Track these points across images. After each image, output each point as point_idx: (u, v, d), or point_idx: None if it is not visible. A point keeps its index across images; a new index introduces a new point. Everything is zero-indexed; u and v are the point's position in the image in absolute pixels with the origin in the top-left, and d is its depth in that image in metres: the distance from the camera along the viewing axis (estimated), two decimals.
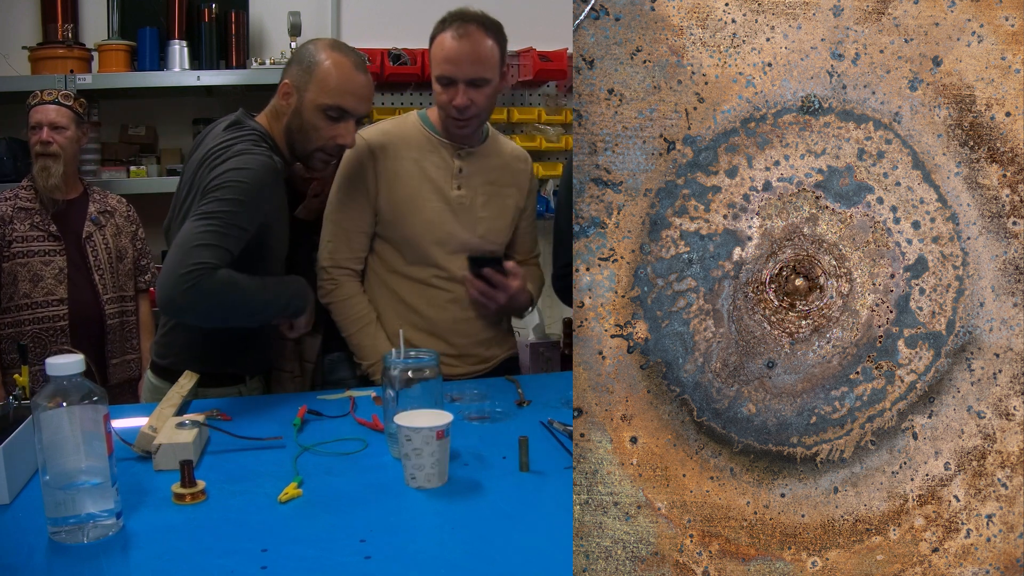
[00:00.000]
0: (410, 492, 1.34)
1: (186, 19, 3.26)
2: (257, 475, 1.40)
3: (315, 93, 1.80)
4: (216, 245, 1.60)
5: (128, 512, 1.23)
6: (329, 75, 1.79)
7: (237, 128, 1.81)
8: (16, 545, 1.16)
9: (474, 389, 1.90)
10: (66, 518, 1.16)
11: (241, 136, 1.77)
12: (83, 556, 1.13)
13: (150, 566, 1.11)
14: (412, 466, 1.34)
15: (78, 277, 2.60)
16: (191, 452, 1.41)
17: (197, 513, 1.26)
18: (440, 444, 1.33)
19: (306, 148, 1.85)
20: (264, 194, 1.72)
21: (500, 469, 1.43)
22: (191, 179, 1.79)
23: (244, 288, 1.66)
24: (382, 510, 1.28)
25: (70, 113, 2.60)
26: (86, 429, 1.16)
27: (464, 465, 1.45)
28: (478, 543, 1.18)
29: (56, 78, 3.05)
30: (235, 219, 1.64)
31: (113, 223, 2.72)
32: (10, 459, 1.28)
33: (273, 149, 1.82)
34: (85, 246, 2.62)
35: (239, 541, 1.17)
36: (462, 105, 1.93)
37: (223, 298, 1.62)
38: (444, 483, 1.36)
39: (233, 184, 1.67)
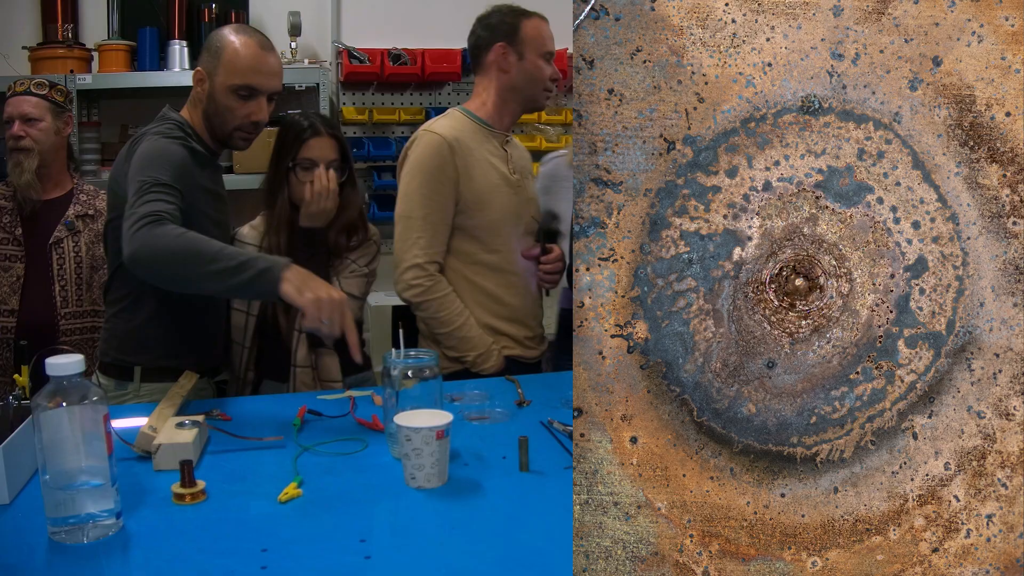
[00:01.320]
0: (410, 492, 1.34)
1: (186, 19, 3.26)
2: (257, 475, 1.40)
3: (224, 75, 1.86)
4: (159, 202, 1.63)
5: (128, 512, 1.23)
6: (236, 56, 1.86)
7: (156, 123, 1.87)
8: (16, 545, 1.16)
9: (474, 389, 1.90)
10: (66, 518, 1.15)
11: (151, 129, 1.84)
12: (83, 556, 1.13)
13: (150, 566, 1.11)
14: (412, 466, 1.34)
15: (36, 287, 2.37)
16: (191, 452, 1.41)
17: (197, 513, 1.26)
18: (440, 444, 1.33)
19: (224, 129, 1.91)
20: (184, 171, 1.76)
21: (500, 469, 1.43)
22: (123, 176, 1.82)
23: (197, 240, 1.62)
24: (382, 510, 1.28)
25: (45, 103, 2.38)
26: (86, 429, 1.16)
27: (464, 465, 1.45)
28: (478, 543, 1.18)
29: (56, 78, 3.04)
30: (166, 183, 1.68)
31: (92, 229, 2.46)
32: (10, 459, 1.28)
33: (193, 136, 1.88)
34: (51, 253, 2.39)
35: (239, 541, 1.16)
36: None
37: (175, 243, 1.58)
38: (444, 483, 1.36)
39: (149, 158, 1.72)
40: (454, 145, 2.11)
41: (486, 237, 2.17)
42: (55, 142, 2.43)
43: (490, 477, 1.40)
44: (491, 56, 2.20)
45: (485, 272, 2.18)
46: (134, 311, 1.89)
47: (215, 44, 1.89)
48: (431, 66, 3.42)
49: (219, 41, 1.89)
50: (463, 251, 2.17)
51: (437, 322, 2.12)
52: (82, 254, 2.43)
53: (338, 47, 3.47)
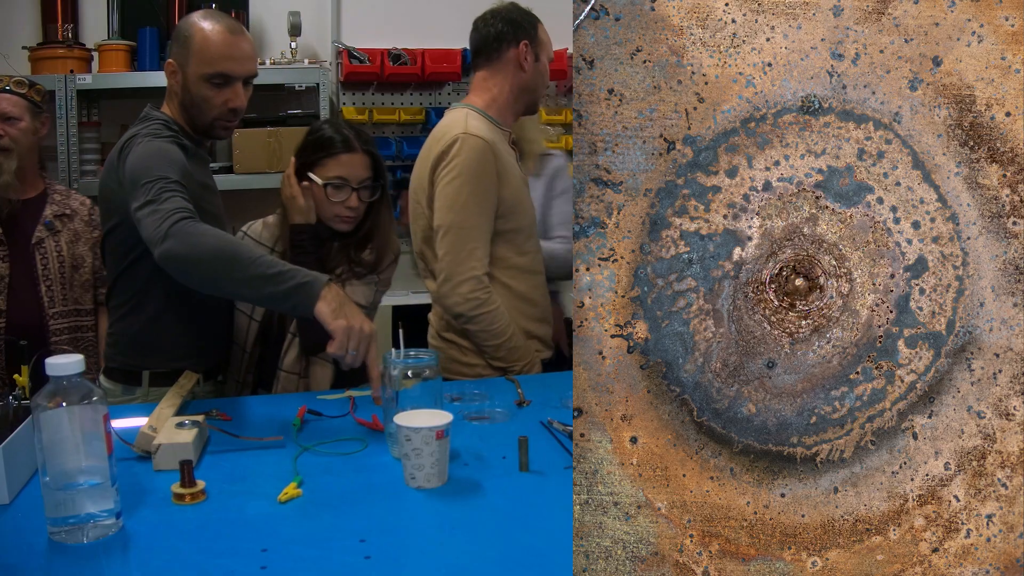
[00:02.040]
0: (410, 492, 1.34)
1: None
2: (257, 475, 1.40)
3: (196, 65, 1.82)
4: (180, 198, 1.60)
5: (128, 512, 1.23)
6: (206, 44, 1.81)
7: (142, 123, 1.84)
8: (16, 545, 1.16)
9: (474, 389, 1.90)
10: (66, 518, 1.15)
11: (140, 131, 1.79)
12: (83, 556, 1.13)
13: (150, 566, 1.11)
14: (412, 466, 1.34)
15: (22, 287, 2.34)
16: (191, 452, 1.41)
17: (197, 513, 1.26)
18: (440, 444, 1.33)
19: (203, 120, 1.87)
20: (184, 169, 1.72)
21: (500, 469, 1.43)
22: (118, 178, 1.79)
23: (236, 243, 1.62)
24: (382, 510, 1.28)
25: (24, 102, 2.33)
26: (86, 429, 1.16)
27: (464, 465, 1.45)
28: (478, 543, 1.18)
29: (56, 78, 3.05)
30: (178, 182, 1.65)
31: (71, 228, 2.43)
32: (10, 459, 1.28)
33: (180, 132, 1.85)
34: (34, 253, 2.36)
35: (239, 541, 1.16)
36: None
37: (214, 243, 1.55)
38: (444, 483, 1.36)
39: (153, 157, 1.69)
40: (494, 148, 2.07)
41: (519, 240, 2.14)
42: (32, 143, 2.38)
43: (490, 477, 1.40)
44: (513, 52, 2.15)
45: (519, 275, 2.15)
46: (139, 315, 1.88)
47: (183, 33, 1.84)
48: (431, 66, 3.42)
49: (187, 30, 1.83)
50: (500, 256, 2.12)
51: (490, 334, 2.06)
52: (64, 254, 2.41)
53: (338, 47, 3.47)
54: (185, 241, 1.53)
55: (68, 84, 3.06)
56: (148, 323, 1.86)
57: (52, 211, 2.42)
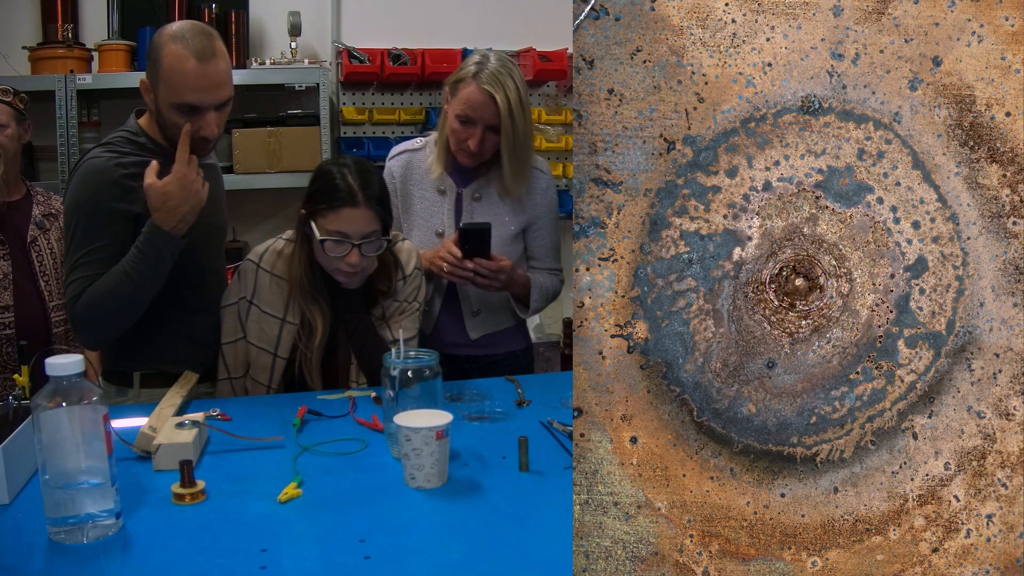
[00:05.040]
0: (410, 492, 1.34)
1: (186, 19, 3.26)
2: (257, 475, 1.40)
3: (164, 92, 1.74)
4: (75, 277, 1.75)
5: (128, 512, 1.23)
6: (171, 72, 1.72)
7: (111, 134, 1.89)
8: (16, 545, 1.16)
9: (474, 389, 1.89)
10: (66, 518, 1.15)
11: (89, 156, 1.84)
12: (83, 556, 1.13)
13: (150, 566, 1.11)
14: (412, 466, 1.34)
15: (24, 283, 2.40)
16: (191, 452, 1.41)
17: (197, 513, 1.26)
18: (440, 444, 1.33)
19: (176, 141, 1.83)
20: (100, 197, 1.76)
21: (500, 469, 1.43)
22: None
23: (110, 289, 1.73)
24: (382, 510, 1.28)
25: (9, 110, 2.41)
26: (86, 429, 1.16)
27: (464, 465, 1.45)
28: (478, 543, 1.18)
29: (56, 78, 3.04)
30: (84, 242, 1.76)
31: (58, 226, 2.46)
32: (10, 459, 1.28)
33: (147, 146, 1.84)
34: (30, 250, 2.42)
35: (239, 541, 1.16)
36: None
37: (100, 311, 1.74)
38: (444, 483, 1.36)
39: (68, 211, 1.82)
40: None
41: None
42: (17, 148, 2.47)
43: (490, 477, 1.40)
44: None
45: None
46: None
47: (153, 54, 1.75)
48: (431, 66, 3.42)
49: (156, 51, 1.74)
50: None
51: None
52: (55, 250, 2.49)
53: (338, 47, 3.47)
54: (88, 324, 1.76)
55: (68, 84, 3.05)
56: (138, 326, 1.85)
57: (40, 211, 2.51)
